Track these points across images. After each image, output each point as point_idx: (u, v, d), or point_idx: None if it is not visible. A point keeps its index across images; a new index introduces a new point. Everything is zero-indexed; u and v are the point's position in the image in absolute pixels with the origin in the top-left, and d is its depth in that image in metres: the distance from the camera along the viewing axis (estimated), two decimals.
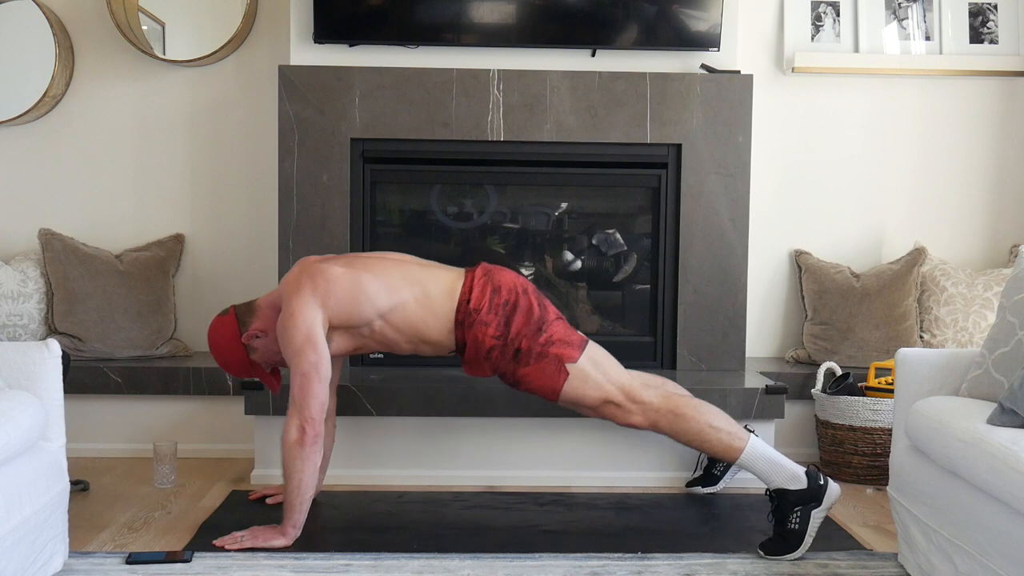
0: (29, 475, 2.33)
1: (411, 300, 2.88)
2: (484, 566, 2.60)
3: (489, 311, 2.86)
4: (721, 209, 3.72)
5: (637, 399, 2.87)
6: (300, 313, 2.77)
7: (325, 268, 2.86)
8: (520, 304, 2.88)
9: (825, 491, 2.72)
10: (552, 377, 2.85)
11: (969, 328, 3.80)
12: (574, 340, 2.89)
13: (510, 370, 2.89)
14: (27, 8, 3.84)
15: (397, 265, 2.96)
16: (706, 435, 2.82)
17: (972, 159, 4.11)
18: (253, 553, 2.67)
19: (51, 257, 3.81)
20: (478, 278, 2.91)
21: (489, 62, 3.73)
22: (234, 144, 4.02)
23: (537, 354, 2.85)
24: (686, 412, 2.85)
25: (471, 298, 2.87)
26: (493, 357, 2.88)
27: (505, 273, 2.95)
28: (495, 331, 2.86)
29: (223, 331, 2.92)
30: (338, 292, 2.82)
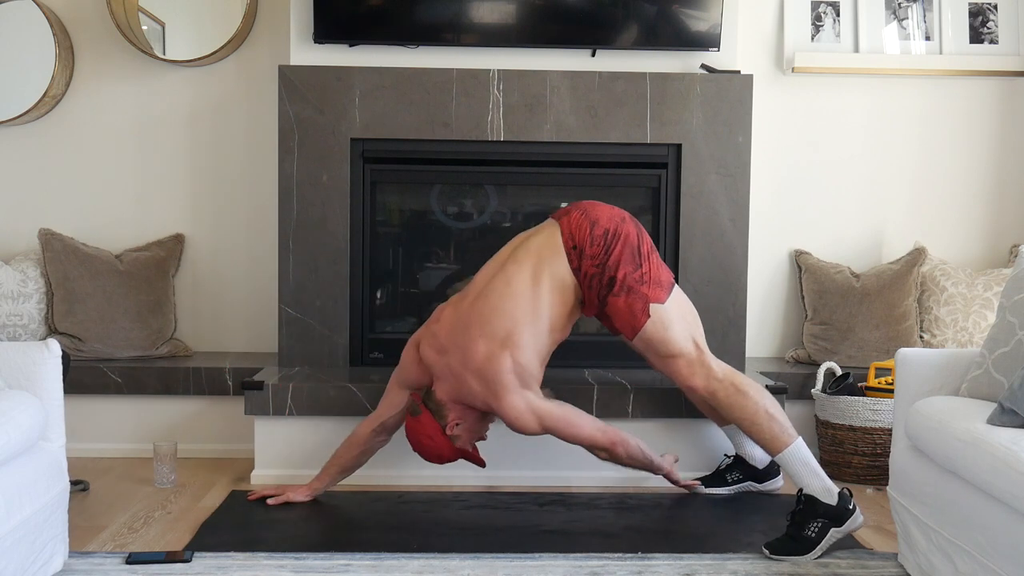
0: (29, 475, 2.33)
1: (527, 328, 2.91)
2: (484, 566, 2.60)
3: (591, 244, 2.92)
4: (721, 209, 3.72)
5: (706, 363, 2.93)
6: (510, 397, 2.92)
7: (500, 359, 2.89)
8: (620, 231, 2.94)
9: (850, 516, 2.73)
10: (635, 315, 2.91)
11: (969, 328, 3.80)
12: (664, 280, 2.95)
13: (602, 297, 2.94)
14: (27, 8, 3.84)
15: (514, 288, 2.95)
16: (759, 419, 2.87)
17: (972, 159, 4.11)
18: (253, 553, 2.67)
19: (51, 257, 3.81)
20: (575, 220, 2.97)
21: (489, 62, 3.73)
22: (234, 144, 4.02)
23: (628, 287, 2.91)
24: (747, 390, 2.90)
25: (576, 242, 2.94)
26: (593, 285, 2.94)
27: (599, 206, 3.02)
28: (596, 259, 2.92)
29: (428, 431, 2.96)
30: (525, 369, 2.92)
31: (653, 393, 3.40)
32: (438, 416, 2.95)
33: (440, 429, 2.95)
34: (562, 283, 2.95)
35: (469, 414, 2.98)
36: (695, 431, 3.43)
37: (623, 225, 2.96)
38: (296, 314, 3.68)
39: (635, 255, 2.94)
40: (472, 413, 2.98)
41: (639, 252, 2.95)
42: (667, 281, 2.97)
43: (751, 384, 2.94)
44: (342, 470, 3.15)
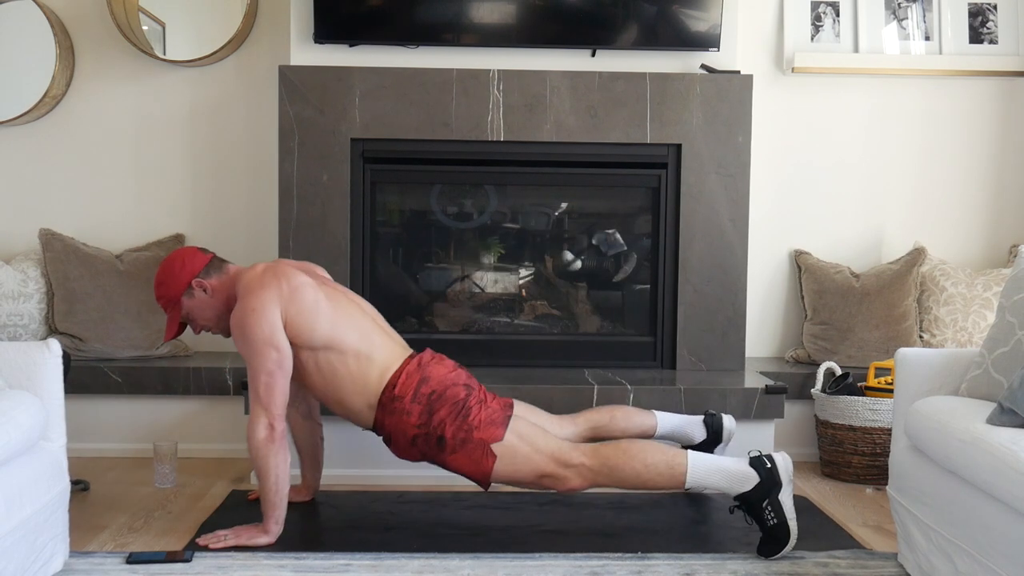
0: (29, 475, 2.33)
1: (351, 350, 2.84)
2: (484, 566, 2.60)
3: (413, 400, 2.81)
4: (721, 209, 3.73)
5: (570, 463, 2.78)
6: (263, 310, 2.76)
7: (292, 273, 2.85)
8: (447, 395, 2.81)
9: (777, 471, 2.68)
10: (479, 462, 2.78)
11: (969, 328, 3.80)
12: (497, 418, 2.82)
13: (437, 457, 2.83)
14: (27, 8, 3.84)
15: (358, 311, 2.93)
16: (645, 476, 2.75)
17: (972, 159, 4.11)
18: (253, 552, 2.67)
19: (51, 257, 3.81)
20: (411, 366, 2.85)
21: (489, 62, 3.73)
22: (234, 144, 4.02)
23: (461, 440, 2.78)
24: (618, 461, 2.76)
25: (397, 383, 2.82)
26: (419, 445, 2.83)
27: (441, 366, 2.89)
28: (417, 419, 2.80)
29: (187, 263, 2.90)
30: (297, 301, 2.80)
31: (653, 393, 3.40)
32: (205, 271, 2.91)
33: (194, 273, 2.90)
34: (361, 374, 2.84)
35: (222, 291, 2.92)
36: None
37: (452, 389, 2.83)
38: None
39: (460, 409, 2.79)
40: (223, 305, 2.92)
41: (466, 405, 2.81)
42: (501, 415, 2.83)
43: (615, 449, 2.80)
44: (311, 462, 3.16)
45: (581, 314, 3.96)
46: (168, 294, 2.92)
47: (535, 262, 4.00)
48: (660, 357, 3.80)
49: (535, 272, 3.99)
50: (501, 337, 3.86)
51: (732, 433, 3.19)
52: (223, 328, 2.98)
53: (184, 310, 2.94)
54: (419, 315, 3.92)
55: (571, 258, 4.00)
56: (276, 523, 2.77)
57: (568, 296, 3.98)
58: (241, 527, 2.79)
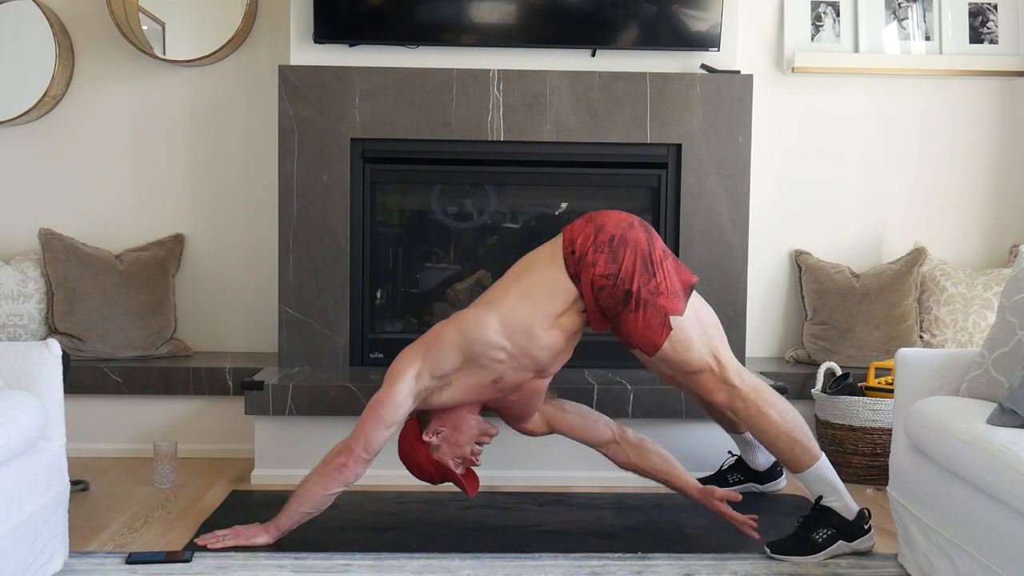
0: (29, 475, 2.33)
1: (516, 300, 2.71)
2: (484, 566, 2.60)
3: (596, 251, 2.67)
4: (721, 209, 3.72)
5: (729, 379, 2.74)
6: (401, 357, 2.74)
7: (433, 328, 2.80)
8: (628, 237, 2.70)
9: (863, 536, 2.72)
10: (655, 330, 2.67)
11: (969, 328, 3.80)
12: (680, 288, 2.71)
13: (618, 311, 2.68)
14: (27, 8, 3.84)
15: (494, 285, 2.83)
16: (780, 442, 2.75)
17: (972, 159, 4.11)
18: (253, 553, 2.67)
19: (51, 257, 3.81)
20: (578, 225, 2.75)
21: (489, 62, 3.73)
22: (234, 144, 4.02)
23: (644, 301, 2.65)
24: (770, 412, 2.74)
25: (575, 247, 2.70)
26: (603, 299, 2.68)
27: (607, 212, 2.78)
28: (603, 269, 2.67)
29: (407, 435, 2.80)
30: (442, 339, 2.71)
31: (653, 393, 3.40)
32: (421, 422, 2.79)
33: (419, 434, 2.77)
34: (547, 288, 2.72)
35: (450, 420, 2.78)
36: (695, 431, 3.43)
37: (631, 231, 2.72)
38: (296, 314, 3.68)
39: (647, 263, 2.69)
40: (452, 419, 2.78)
41: (651, 260, 2.70)
42: (684, 287, 2.73)
43: (776, 404, 2.77)
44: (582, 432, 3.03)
45: None
46: (426, 463, 2.79)
47: None
48: None
49: None
50: None
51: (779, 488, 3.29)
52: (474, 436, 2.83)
53: (448, 460, 2.80)
54: (419, 315, 3.92)
55: None
56: (279, 529, 2.74)
57: None
58: (240, 527, 2.78)
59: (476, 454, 2.84)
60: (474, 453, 2.83)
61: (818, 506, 2.74)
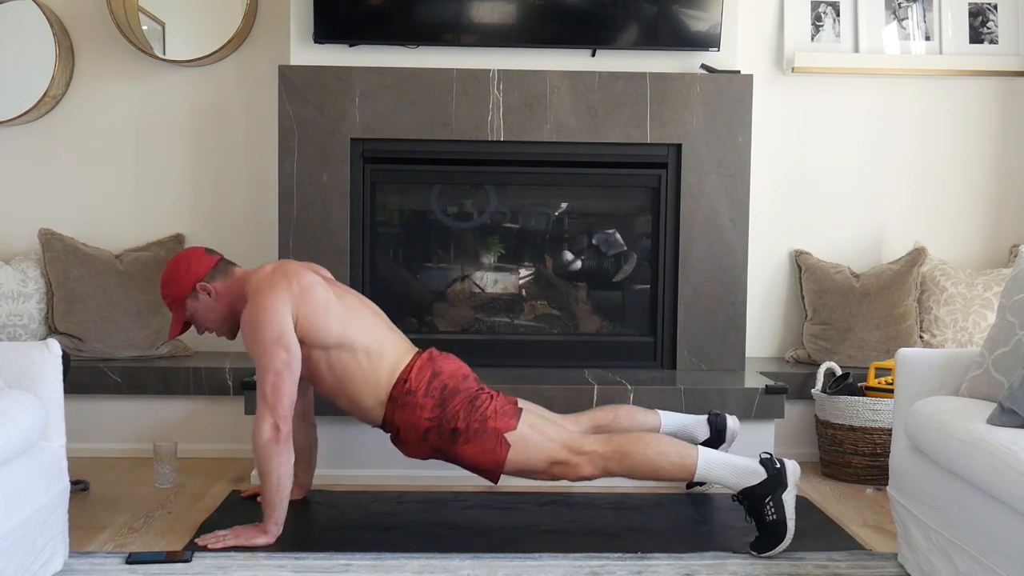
0: (29, 475, 2.33)
1: (362, 348, 2.86)
2: (484, 566, 2.60)
3: (426, 394, 2.83)
4: (721, 209, 3.72)
5: (582, 451, 2.81)
6: (274, 310, 2.77)
7: (302, 273, 2.87)
8: (460, 388, 2.85)
9: (785, 472, 2.72)
10: (493, 451, 2.80)
11: (969, 328, 3.80)
12: (509, 409, 2.85)
13: (449, 450, 2.85)
14: (27, 8, 3.84)
15: (366, 309, 2.97)
16: (657, 463, 2.78)
17: (972, 159, 4.11)
18: (253, 553, 2.67)
19: (51, 257, 3.81)
20: (422, 360, 2.89)
21: (489, 62, 3.73)
22: (234, 144, 4.02)
23: (475, 431, 2.80)
24: (630, 448, 2.80)
25: (409, 378, 2.85)
26: (430, 439, 2.84)
27: (449, 361, 2.93)
28: (430, 412, 2.82)
29: (193, 265, 2.89)
30: (309, 301, 2.81)
31: (653, 393, 3.40)
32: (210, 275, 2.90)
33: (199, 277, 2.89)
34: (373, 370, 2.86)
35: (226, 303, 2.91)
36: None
37: (463, 382, 2.87)
38: None
39: (473, 400, 2.84)
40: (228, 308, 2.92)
41: (478, 397, 2.85)
42: (512, 409, 2.86)
43: (628, 439, 2.84)
44: (307, 463, 3.16)
45: (581, 314, 3.96)
46: (172, 294, 2.92)
47: (535, 262, 4.00)
48: (660, 357, 3.79)
49: (535, 272, 3.99)
50: (501, 337, 3.86)
51: (736, 433, 3.19)
52: (227, 331, 2.98)
53: (188, 312, 2.94)
54: (419, 315, 3.92)
55: (571, 258, 4.00)
56: (276, 524, 2.77)
57: (568, 296, 3.98)
58: (240, 527, 2.79)
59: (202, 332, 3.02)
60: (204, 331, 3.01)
61: (739, 497, 2.75)
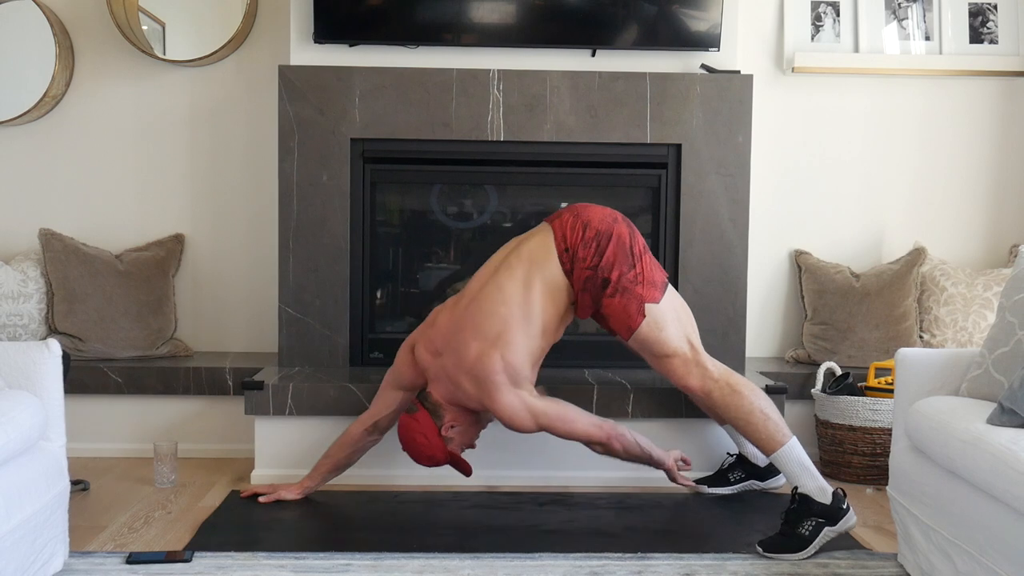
0: (29, 475, 2.33)
1: (518, 334, 2.91)
2: (484, 566, 2.60)
3: (584, 246, 2.95)
4: (721, 209, 3.72)
5: (701, 363, 2.97)
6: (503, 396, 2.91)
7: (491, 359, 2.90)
8: (611, 232, 2.97)
9: (844, 516, 2.74)
10: (630, 316, 2.94)
11: (969, 328, 3.80)
12: (658, 280, 2.99)
13: (597, 298, 2.97)
14: (27, 8, 3.84)
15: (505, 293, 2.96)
16: (755, 418, 2.90)
17: (972, 159, 4.11)
18: (253, 552, 2.68)
19: (51, 257, 3.81)
20: (567, 221, 3.00)
21: (489, 62, 3.73)
22: (234, 144, 4.02)
23: (623, 288, 2.93)
24: (742, 390, 2.94)
25: (568, 244, 2.97)
26: (587, 287, 2.96)
27: (591, 208, 3.04)
28: (589, 261, 2.94)
29: (423, 429, 2.95)
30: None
31: (653, 393, 3.40)
32: (435, 416, 2.96)
33: (436, 430, 2.95)
34: (554, 286, 2.97)
35: (464, 417, 2.99)
36: (696, 431, 3.43)
37: (615, 225, 2.99)
38: (296, 314, 3.68)
39: (628, 255, 2.97)
40: (467, 416, 3.00)
41: (632, 252, 2.98)
42: (661, 280, 3.01)
43: (747, 384, 2.98)
44: (333, 468, 3.17)
45: None
46: (442, 455, 2.99)
47: None
48: None
49: None
50: None
51: (779, 485, 3.30)
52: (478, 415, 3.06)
53: (458, 450, 3.03)
54: (419, 315, 3.92)
55: None
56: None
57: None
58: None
59: (477, 437, 3.12)
60: (477, 436, 3.12)
61: (796, 496, 2.77)
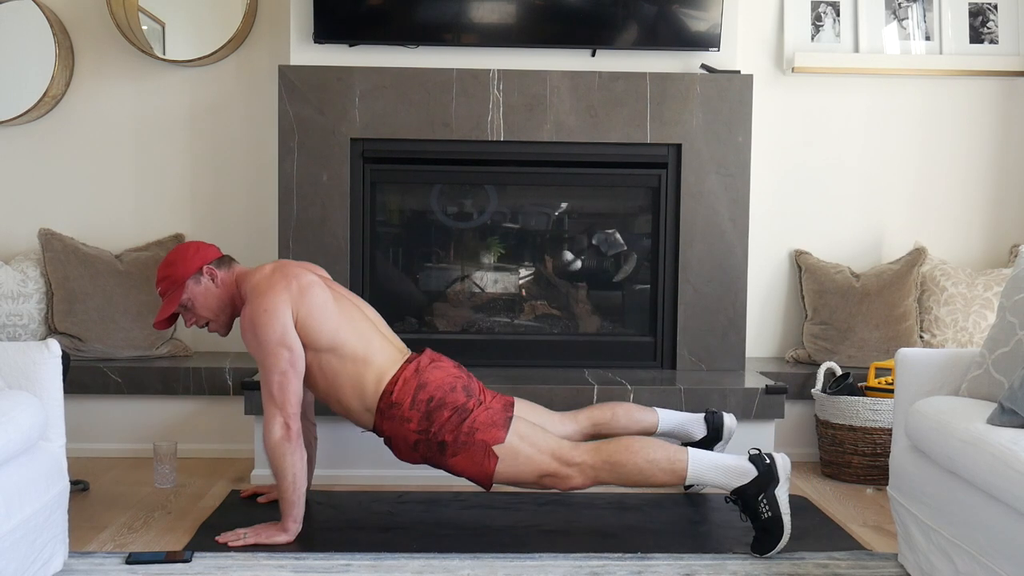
0: (29, 475, 2.33)
1: (350, 355, 2.85)
2: (484, 566, 2.60)
3: (412, 407, 2.81)
4: (721, 209, 3.72)
5: (572, 462, 2.79)
6: (275, 310, 2.78)
7: (301, 273, 2.87)
8: (447, 401, 2.81)
9: (776, 467, 2.71)
10: (481, 464, 2.79)
11: (969, 328, 3.80)
12: (499, 420, 2.82)
13: (438, 461, 2.85)
14: (27, 8, 3.84)
15: (359, 312, 2.94)
16: (647, 472, 2.76)
17: (972, 159, 4.11)
18: (253, 552, 2.67)
19: (51, 257, 3.81)
20: (407, 372, 2.85)
21: (489, 62, 3.73)
22: (234, 144, 4.02)
23: (463, 443, 2.79)
24: (621, 457, 2.77)
25: (394, 390, 2.83)
26: (420, 450, 2.85)
27: (438, 370, 2.87)
28: (416, 425, 2.81)
29: (201, 250, 2.94)
30: (307, 302, 2.82)
31: (653, 393, 3.40)
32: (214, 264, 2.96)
33: (200, 265, 2.92)
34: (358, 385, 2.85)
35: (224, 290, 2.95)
36: None
37: (451, 395, 2.82)
38: None
39: (460, 412, 2.80)
40: None
41: (465, 408, 2.81)
42: (501, 415, 2.83)
43: (618, 447, 2.80)
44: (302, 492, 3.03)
45: (581, 314, 3.96)
46: (175, 274, 2.92)
47: (535, 262, 4.00)
48: (660, 357, 3.79)
49: (535, 272, 3.99)
50: (501, 337, 3.86)
51: (732, 431, 3.19)
52: (220, 324, 3.00)
53: (186, 295, 2.93)
54: (419, 315, 3.92)
55: (571, 258, 4.00)
56: (295, 521, 2.78)
57: (568, 296, 3.98)
58: (260, 526, 2.80)
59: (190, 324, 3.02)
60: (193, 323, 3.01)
61: (732, 498, 2.74)
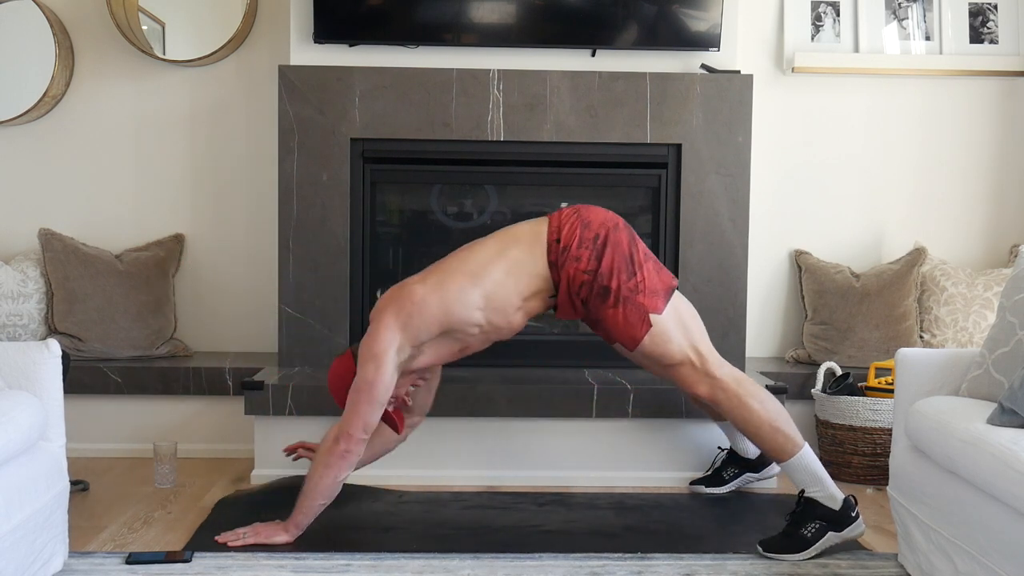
0: (29, 475, 2.33)
1: (500, 277, 2.80)
2: (484, 566, 2.60)
3: (580, 246, 2.80)
4: (721, 209, 3.72)
5: (710, 371, 2.83)
6: (379, 333, 2.75)
7: (408, 291, 2.80)
8: (611, 239, 2.81)
9: (851, 524, 2.72)
10: (634, 326, 2.80)
11: (969, 328, 3.80)
12: (660, 288, 2.83)
13: (595, 308, 2.82)
14: (27, 8, 3.84)
15: (473, 253, 2.88)
16: (763, 431, 2.81)
17: (972, 159, 4.11)
18: (253, 553, 2.67)
19: (51, 257, 3.81)
20: (566, 216, 2.85)
21: (489, 62, 3.73)
22: (234, 144, 4.02)
23: (624, 298, 2.78)
24: (751, 402, 2.82)
25: (561, 236, 2.81)
26: (583, 293, 2.81)
27: (594, 209, 2.89)
28: (586, 265, 2.79)
29: (339, 370, 2.87)
30: (424, 313, 2.76)
31: (653, 393, 3.40)
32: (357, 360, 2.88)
33: (352, 371, 2.84)
34: (525, 269, 2.81)
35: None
36: (695, 431, 3.43)
37: (615, 232, 2.83)
38: (296, 314, 3.68)
39: (628, 262, 2.81)
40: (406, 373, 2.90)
41: (632, 260, 2.82)
42: (664, 288, 2.84)
43: (757, 394, 2.84)
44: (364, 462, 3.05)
45: None
46: None
47: None
48: None
49: None
50: None
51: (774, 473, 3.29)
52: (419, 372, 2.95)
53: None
54: None
55: None
56: (298, 527, 2.77)
57: None
58: (260, 525, 2.79)
59: (408, 395, 2.95)
60: (407, 395, 2.94)
61: (803, 499, 2.75)
